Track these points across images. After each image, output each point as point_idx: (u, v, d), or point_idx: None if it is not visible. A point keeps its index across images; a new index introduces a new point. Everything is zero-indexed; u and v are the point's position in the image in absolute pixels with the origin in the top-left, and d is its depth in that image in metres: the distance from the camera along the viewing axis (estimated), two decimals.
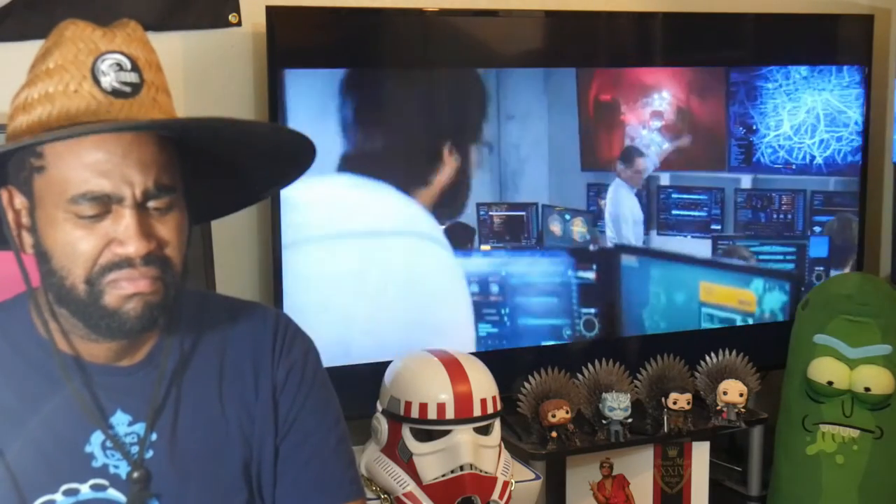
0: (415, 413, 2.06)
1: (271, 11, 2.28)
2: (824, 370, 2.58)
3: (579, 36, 2.66)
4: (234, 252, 2.41)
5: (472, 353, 2.26)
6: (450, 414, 2.05)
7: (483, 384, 2.09)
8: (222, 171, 1.33)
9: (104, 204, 1.18)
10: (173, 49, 2.29)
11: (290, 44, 2.33)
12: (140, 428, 1.28)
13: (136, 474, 1.25)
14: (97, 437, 1.26)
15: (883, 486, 2.60)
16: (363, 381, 2.26)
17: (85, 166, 1.17)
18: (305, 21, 2.36)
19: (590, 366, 2.48)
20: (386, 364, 2.19)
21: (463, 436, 2.04)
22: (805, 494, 2.62)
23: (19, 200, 1.23)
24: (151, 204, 1.20)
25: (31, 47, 1.28)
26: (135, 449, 1.27)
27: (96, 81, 1.17)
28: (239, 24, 2.39)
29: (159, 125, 1.20)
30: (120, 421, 1.27)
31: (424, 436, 2.07)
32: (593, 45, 2.68)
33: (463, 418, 2.05)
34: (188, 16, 2.33)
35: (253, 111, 2.41)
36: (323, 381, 1.43)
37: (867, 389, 2.55)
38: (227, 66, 2.39)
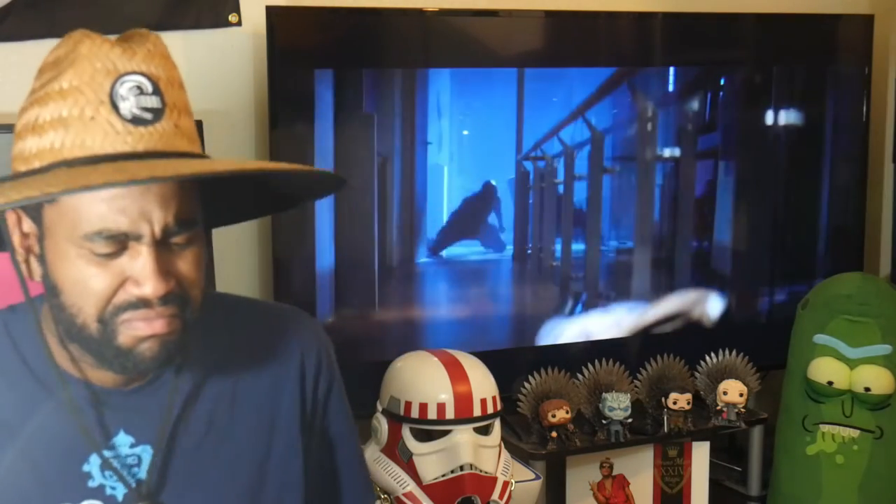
0: (415, 413, 2.06)
1: (271, 11, 2.28)
2: (824, 370, 2.58)
3: (579, 36, 2.66)
4: (234, 252, 2.41)
5: (472, 353, 2.26)
6: (450, 414, 2.04)
7: (483, 384, 2.09)
8: (243, 184, 1.27)
9: (120, 242, 1.10)
10: (173, 49, 2.24)
11: (290, 44, 2.33)
12: (142, 450, 1.23)
13: (138, 498, 1.21)
14: (96, 458, 1.22)
15: (883, 486, 2.60)
16: (363, 381, 2.26)
17: (101, 200, 1.08)
18: (305, 21, 2.36)
19: (590, 366, 2.48)
20: (386, 364, 2.19)
21: (463, 436, 2.04)
22: (805, 494, 2.62)
23: (28, 224, 1.16)
24: (171, 240, 1.13)
25: (32, 47, 1.24)
26: (134, 471, 1.23)
27: (115, 107, 1.09)
28: (239, 24, 2.39)
29: (181, 178, 1.11)
30: (122, 442, 1.23)
31: (424, 436, 2.06)
32: (593, 45, 2.68)
33: (463, 418, 2.05)
34: (188, 16, 2.33)
35: (253, 111, 2.42)
36: (342, 383, 1.41)
37: (867, 389, 2.55)
38: (227, 66, 2.39)
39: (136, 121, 1.09)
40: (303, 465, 1.32)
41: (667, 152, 2.76)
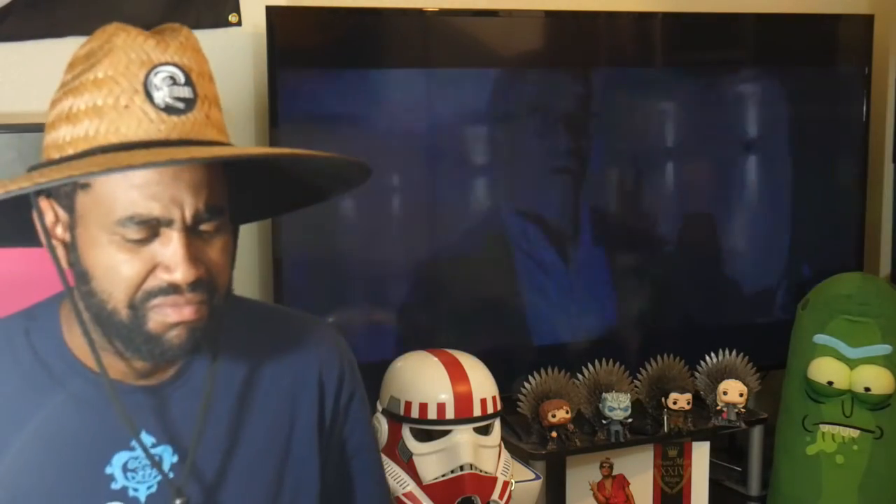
0: (415, 413, 2.06)
1: (271, 11, 2.29)
2: (824, 370, 2.58)
3: (579, 36, 2.66)
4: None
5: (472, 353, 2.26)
6: (450, 414, 2.04)
7: (483, 384, 2.09)
8: (270, 177, 1.28)
9: (152, 227, 1.12)
10: None
11: (290, 44, 2.33)
12: (162, 450, 1.23)
13: (178, 501, 1.21)
14: (120, 459, 1.22)
15: (883, 486, 2.60)
16: (363, 381, 2.26)
17: (133, 187, 1.11)
18: (305, 21, 2.36)
19: (590, 366, 2.48)
20: (386, 364, 2.19)
21: (463, 436, 2.04)
22: (805, 494, 2.62)
23: (60, 213, 1.17)
24: (201, 227, 1.14)
25: (32, 47, 1.25)
26: (154, 472, 1.22)
27: (149, 96, 1.11)
28: (239, 24, 2.39)
29: (220, 159, 1.15)
30: (144, 443, 1.22)
31: (424, 436, 2.06)
32: (593, 44, 2.68)
33: (463, 418, 2.05)
34: (188, 16, 2.33)
35: (253, 111, 2.42)
36: (365, 394, 1.41)
37: (867, 389, 2.55)
38: (227, 66, 2.39)
39: (168, 110, 1.12)
40: (319, 471, 1.33)
41: (667, 152, 2.76)
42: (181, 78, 1.13)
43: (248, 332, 1.32)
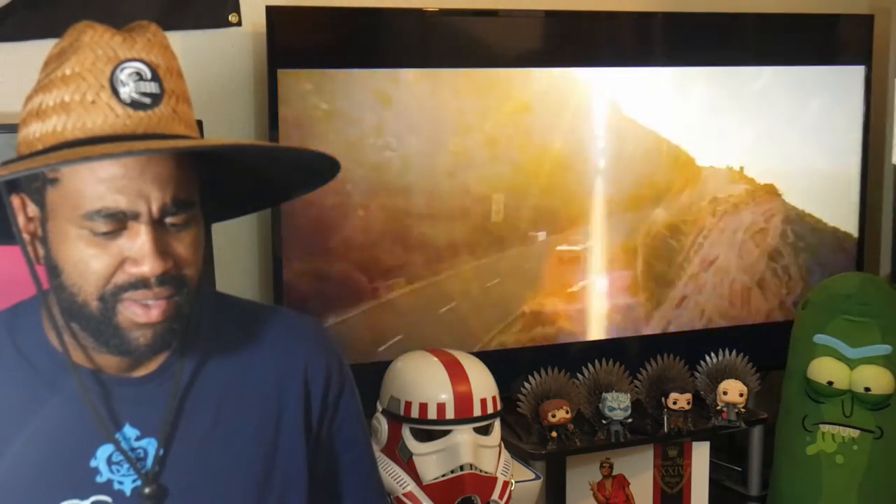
0: (415, 413, 2.06)
1: (271, 11, 2.29)
2: (824, 370, 2.58)
3: (579, 36, 2.66)
4: (233, 252, 2.41)
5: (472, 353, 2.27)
6: (450, 414, 2.05)
7: (483, 384, 2.09)
8: (241, 174, 1.29)
9: (119, 221, 1.13)
10: (173, 49, 2.29)
11: (290, 44, 2.33)
12: (147, 443, 1.24)
13: (147, 490, 1.21)
14: (104, 452, 1.22)
15: (883, 486, 2.59)
16: (363, 381, 2.26)
17: (100, 181, 1.12)
18: (305, 21, 2.36)
19: (590, 366, 2.48)
20: (386, 364, 2.19)
21: (463, 436, 2.04)
22: (805, 494, 2.62)
23: (32, 209, 1.18)
24: (168, 220, 1.15)
25: (32, 47, 1.26)
26: (141, 465, 1.23)
27: (115, 92, 1.13)
28: (239, 24, 2.39)
29: (178, 150, 1.15)
30: (127, 436, 1.24)
31: (424, 436, 2.07)
32: (593, 45, 2.68)
33: (463, 418, 2.05)
34: (188, 16, 2.33)
35: (252, 111, 2.42)
36: (355, 388, 1.42)
37: (867, 389, 2.55)
38: (227, 66, 2.39)
39: (135, 105, 1.13)
40: (306, 465, 1.33)
41: (666, 151, 2.76)
42: (147, 73, 1.15)
43: (232, 328, 1.33)
